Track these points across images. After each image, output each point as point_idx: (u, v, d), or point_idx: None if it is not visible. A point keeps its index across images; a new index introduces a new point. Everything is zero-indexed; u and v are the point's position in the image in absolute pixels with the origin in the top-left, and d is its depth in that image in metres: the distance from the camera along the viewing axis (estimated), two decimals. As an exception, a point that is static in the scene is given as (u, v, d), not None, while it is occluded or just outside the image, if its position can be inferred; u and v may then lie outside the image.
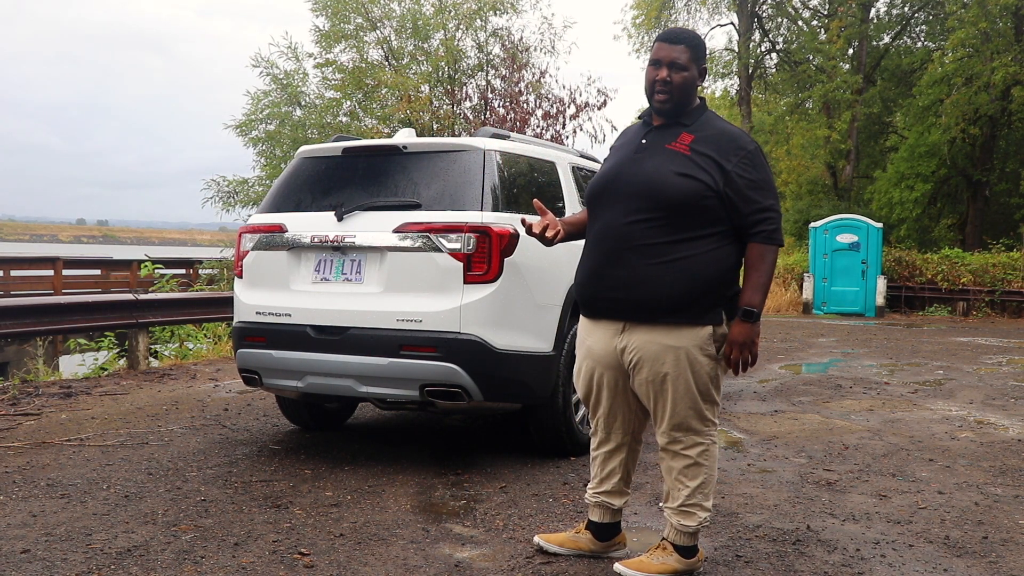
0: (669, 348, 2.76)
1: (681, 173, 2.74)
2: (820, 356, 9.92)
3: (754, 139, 2.83)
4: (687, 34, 2.93)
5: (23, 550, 3.05)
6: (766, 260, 2.75)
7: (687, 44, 2.87)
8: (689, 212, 2.74)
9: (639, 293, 2.78)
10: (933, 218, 25.22)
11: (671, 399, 2.81)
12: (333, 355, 4.13)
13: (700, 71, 2.91)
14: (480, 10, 18.17)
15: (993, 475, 4.38)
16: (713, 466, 2.91)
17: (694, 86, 2.89)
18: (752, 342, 2.74)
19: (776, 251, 2.77)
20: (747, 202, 2.74)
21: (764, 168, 2.79)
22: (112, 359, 10.02)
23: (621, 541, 3.15)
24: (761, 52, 29.28)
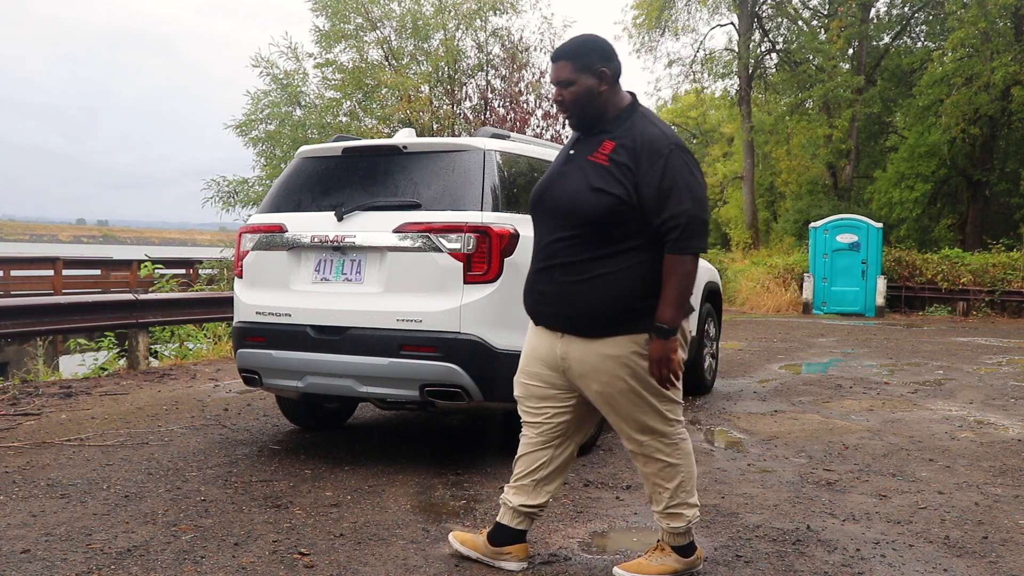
0: (609, 358, 2.72)
1: (596, 188, 2.67)
2: (820, 356, 9.93)
3: (676, 139, 2.69)
4: (567, 47, 2.81)
5: (23, 550, 3.05)
6: (676, 272, 2.61)
7: (567, 58, 2.78)
8: (605, 227, 2.68)
9: (568, 309, 2.76)
10: (933, 218, 25.22)
11: (625, 407, 2.77)
12: (333, 355, 4.13)
13: (598, 74, 2.76)
14: (480, 10, 18.17)
15: (993, 475, 4.38)
16: (688, 463, 2.86)
17: (593, 94, 2.77)
18: (668, 359, 2.64)
19: (690, 260, 2.61)
20: (657, 211, 2.62)
21: (679, 171, 2.63)
22: (112, 359, 10.02)
23: (514, 552, 2.97)
24: (761, 52, 29.29)
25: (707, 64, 29.94)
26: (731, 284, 19.28)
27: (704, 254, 2.87)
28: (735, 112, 31.44)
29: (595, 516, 3.59)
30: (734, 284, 19.45)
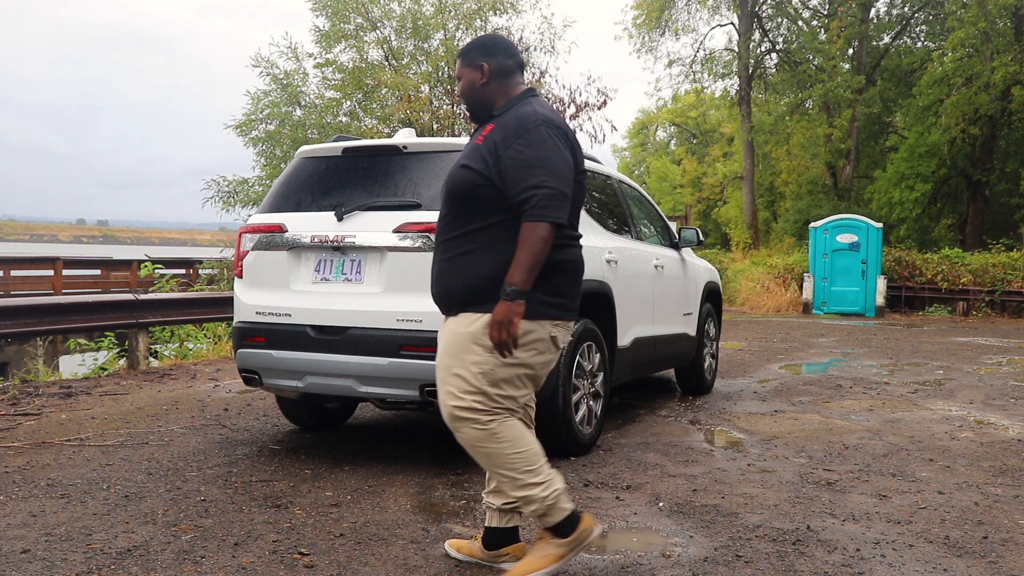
0: (455, 334, 2.73)
1: (462, 164, 2.74)
2: (820, 356, 9.93)
3: (549, 117, 2.70)
4: (462, 48, 2.94)
5: (23, 550, 3.05)
6: (530, 236, 2.56)
7: (459, 56, 2.94)
8: (467, 203, 2.73)
9: (437, 287, 2.83)
10: (933, 218, 25.23)
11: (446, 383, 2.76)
12: (333, 355, 4.13)
13: (479, 68, 2.85)
14: (480, 10, 18.17)
15: (993, 475, 4.38)
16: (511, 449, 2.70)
17: (474, 87, 2.87)
18: (510, 322, 2.56)
19: (545, 228, 2.56)
20: (515, 182, 2.62)
21: (542, 145, 2.64)
22: (112, 359, 10.03)
23: (512, 552, 2.94)
24: (761, 52, 29.32)
25: (707, 64, 29.97)
26: (731, 284, 19.28)
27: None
28: (735, 112, 31.45)
29: (595, 516, 3.59)
30: (734, 284, 19.46)
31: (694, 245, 6.66)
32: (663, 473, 4.31)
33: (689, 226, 7.56)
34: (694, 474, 4.30)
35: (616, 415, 5.84)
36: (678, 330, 6.28)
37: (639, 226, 5.96)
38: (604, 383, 4.88)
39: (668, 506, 3.75)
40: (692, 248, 6.87)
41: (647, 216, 6.30)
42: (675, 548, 3.21)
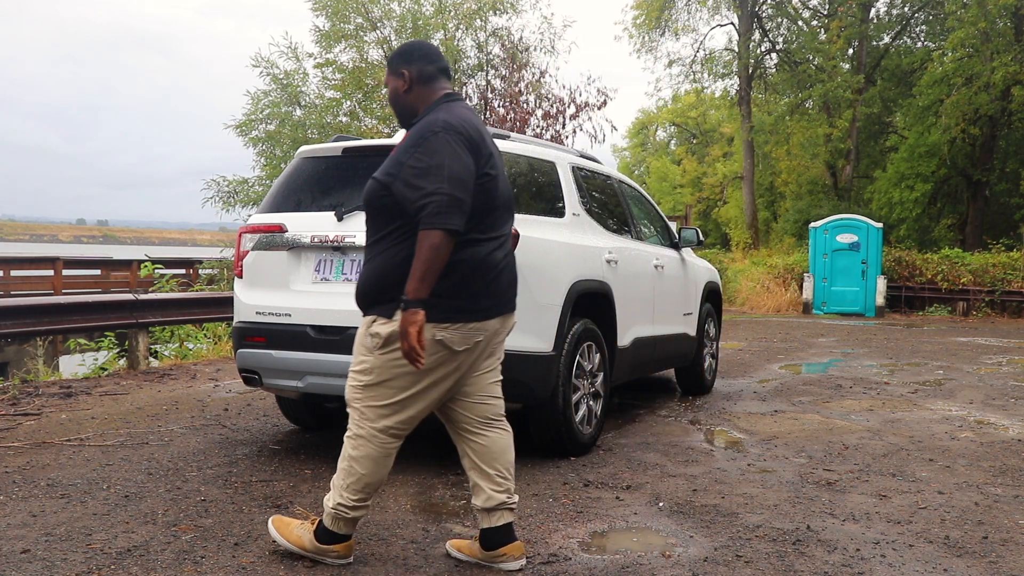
0: (361, 335, 2.86)
1: (373, 176, 2.83)
2: (820, 356, 9.93)
3: (453, 123, 2.72)
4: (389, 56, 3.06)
5: (23, 550, 3.05)
6: (423, 244, 2.59)
7: (387, 64, 3.04)
8: (374, 212, 2.84)
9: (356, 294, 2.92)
10: (933, 218, 25.24)
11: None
12: (333, 355, 4.13)
13: (407, 75, 2.93)
14: (480, 10, 18.17)
15: (993, 475, 4.38)
16: (359, 460, 2.82)
17: (397, 93, 2.96)
18: (405, 332, 2.60)
19: (438, 235, 2.58)
20: (411, 190, 2.66)
21: (438, 152, 2.66)
22: (112, 359, 10.03)
23: (509, 552, 2.94)
24: (761, 52, 29.31)
25: (707, 64, 29.97)
26: (731, 284, 19.28)
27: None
28: (735, 112, 31.45)
29: (595, 516, 3.59)
30: (734, 284, 19.46)
31: (694, 245, 6.66)
32: (663, 473, 4.31)
33: (689, 226, 7.56)
34: (694, 474, 4.30)
35: (616, 415, 5.84)
36: (678, 330, 6.28)
37: (639, 226, 5.96)
38: (604, 383, 4.87)
39: (668, 506, 3.75)
40: (692, 248, 6.87)
41: (647, 216, 6.30)
42: (675, 548, 3.21)
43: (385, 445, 2.84)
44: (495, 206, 2.83)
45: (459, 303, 2.76)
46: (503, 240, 2.90)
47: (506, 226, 2.93)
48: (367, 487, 2.86)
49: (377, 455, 2.83)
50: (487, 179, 2.77)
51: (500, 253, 2.87)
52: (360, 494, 2.86)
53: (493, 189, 2.81)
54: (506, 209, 2.92)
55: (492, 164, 2.82)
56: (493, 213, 2.83)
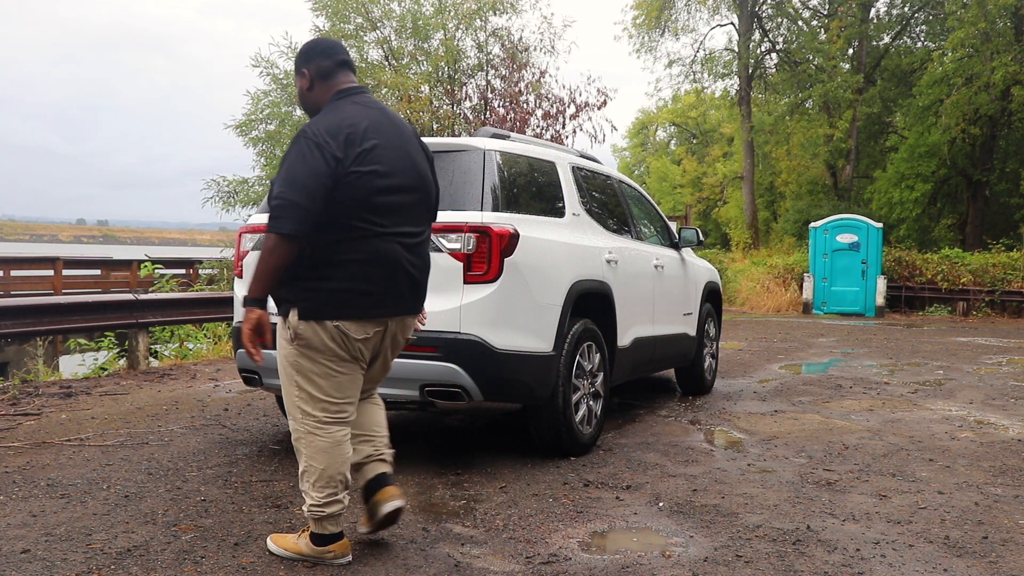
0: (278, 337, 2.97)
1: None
2: (820, 356, 9.93)
3: (316, 128, 2.77)
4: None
5: (23, 550, 3.05)
6: (263, 248, 2.70)
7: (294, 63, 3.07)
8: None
9: None
10: (933, 218, 25.24)
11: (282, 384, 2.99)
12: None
13: (307, 73, 2.99)
14: (480, 10, 18.16)
15: (993, 475, 4.38)
16: (314, 457, 2.90)
17: (303, 92, 3.02)
18: (242, 329, 2.78)
19: (272, 238, 2.67)
20: (270, 193, 2.77)
21: (289, 158, 2.74)
22: (112, 359, 10.02)
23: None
24: (761, 52, 29.31)
25: (707, 64, 29.97)
26: (731, 284, 19.28)
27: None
28: (735, 112, 31.45)
29: (595, 516, 3.59)
30: (734, 284, 19.46)
31: (694, 245, 6.66)
32: (663, 473, 4.31)
33: (689, 226, 7.56)
34: (694, 474, 4.30)
35: (616, 415, 5.84)
36: (678, 330, 6.28)
37: (639, 226, 5.96)
38: (604, 383, 4.87)
39: (668, 506, 3.75)
40: (692, 248, 6.87)
41: (647, 216, 6.30)
42: (675, 548, 3.21)
43: (330, 435, 2.90)
44: (380, 202, 2.81)
45: (353, 296, 2.81)
46: (405, 237, 2.90)
47: (408, 225, 2.91)
48: (330, 480, 2.90)
49: (325, 445, 2.89)
50: (356, 176, 2.76)
51: (397, 248, 2.87)
52: (326, 489, 2.90)
53: (369, 185, 2.79)
54: (408, 208, 2.91)
55: (367, 160, 2.79)
56: (382, 209, 2.82)
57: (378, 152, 2.81)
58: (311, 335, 2.83)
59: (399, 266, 2.87)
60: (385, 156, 2.84)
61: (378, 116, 2.89)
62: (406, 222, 2.90)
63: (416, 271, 2.96)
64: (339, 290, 2.80)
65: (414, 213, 2.94)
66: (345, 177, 2.74)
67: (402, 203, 2.88)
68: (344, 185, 2.74)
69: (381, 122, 2.88)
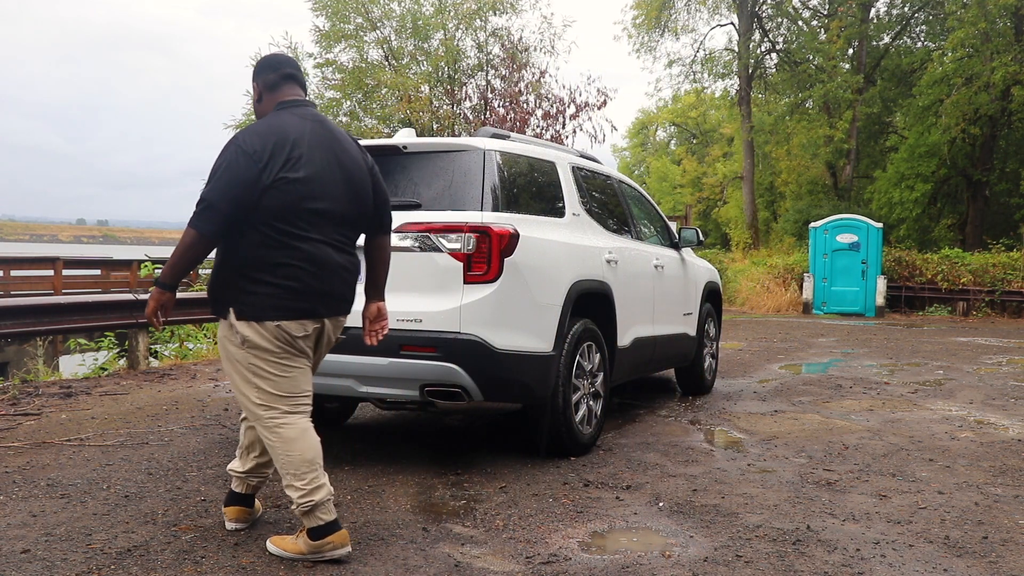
0: (220, 338, 3.07)
1: None
2: (820, 356, 9.93)
3: (245, 135, 2.92)
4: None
5: (23, 550, 3.05)
6: (181, 240, 2.87)
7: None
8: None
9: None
10: (933, 218, 25.23)
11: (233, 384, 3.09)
12: (333, 355, 4.11)
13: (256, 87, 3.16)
14: (480, 10, 18.17)
15: (993, 475, 4.38)
16: (287, 446, 2.99)
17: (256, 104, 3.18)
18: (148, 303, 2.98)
19: (190, 233, 2.82)
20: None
21: (220, 158, 2.89)
22: (112, 359, 10.02)
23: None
24: (761, 52, 29.30)
25: (707, 64, 29.96)
26: (731, 284, 19.28)
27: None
28: (735, 112, 31.45)
29: (595, 516, 3.59)
30: (734, 284, 19.46)
31: (694, 245, 6.66)
32: (663, 473, 4.31)
33: (689, 226, 7.56)
34: (694, 474, 4.30)
35: (616, 415, 5.84)
36: (678, 330, 6.28)
37: (639, 226, 5.96)
38: (604, 383, 4.88)
39: (668, 506, 3.75)
40: (692, 248, 6.87)
41: (647, 216, 6.30)
42: (675, 548, 3.21)
43: (296, 423, 3.04)
44: (307, 208, 2.92)
45: (289, 296, 2.92)
46: (335, 242, 3.01)
47: (338, 230, 3.02)
48: (309, 464, 2.98)
49: (295, 433, 3.01)
50: (284, 182, 2.87)
51: (329, 251, 2.98)
52: (306, 476, 2.96)
53: (297, 191, 2.89)
54: (338, 215, 3.01)
55: (295, 168, 2.89)
56: (309, 214, 2.93)
57: (306, 161, 2.92)
58: (257, 337, 2.93)
59: (330, 268, 2.99)
60: (314, 165, 2.94)
61: (313, 127, 3.01)
62: (335, 228, 3.01)
63: (347, 273, 3.08)
64: (275, 292, 2.91)
65: (344, 220, 3.04)
66: (273, 183, 2.86)
67: (330, 210, 2.98)
68: (273, 191, 2.86)
69: (316, 132, 3.01)
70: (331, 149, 3.02)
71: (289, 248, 2.90)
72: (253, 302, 2.91)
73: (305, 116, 3.03)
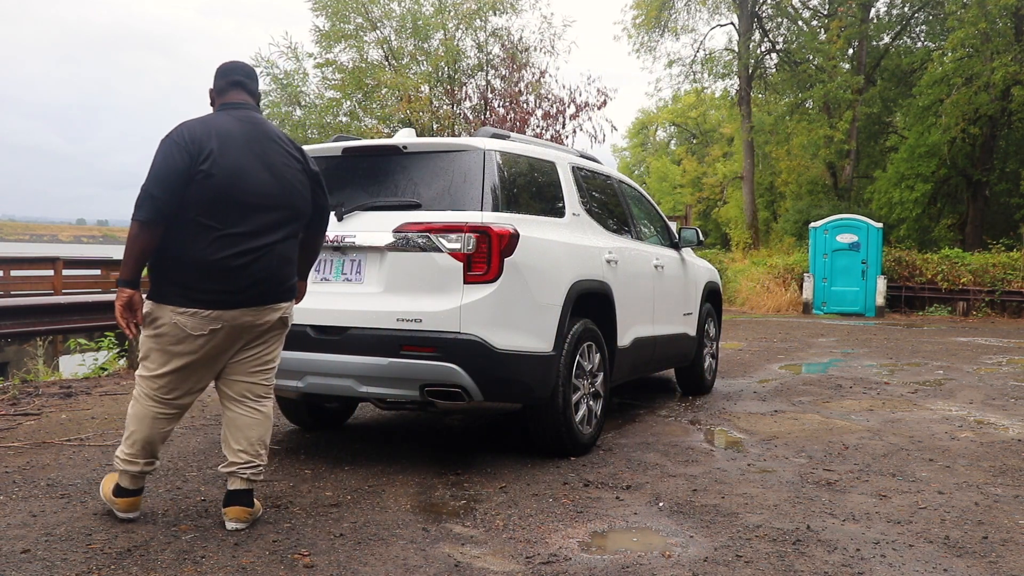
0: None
1: None
2: (820, 356, 9.93)
3: (178, 130, 3.13)
4: None
5: (23, 550, 3.05)
6: (128, 234, 3.06)
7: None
8: None
9: None
10: (933, 218, 25.24)
11: None
12: (333, 355, 4.13)
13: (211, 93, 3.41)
14: (480, 10, 18.17)
15: (993, 475, 4.38)
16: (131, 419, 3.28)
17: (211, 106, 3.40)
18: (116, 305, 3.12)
19: (133, 224, 3.02)
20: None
21: (156, 154, 3.08)
22: (112, 359, 10.00)
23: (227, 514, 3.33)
24: (761, 52, 29.30)
25: (707, 64, 29.96)
26: (731, 284, 19.28)
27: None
28: (735, 112, 31.45)
29: (595, 516, 3.59)
30: (734, 284, 19.46)
31: (694, 245, 6.66)
32: (663, 473, 4.31)
33: (689, 226, 7.56)
34: (694, 474, 4.30)
35: (616, 415, 5.84)
36: (678, 330, 6.28)
37: (639, 226, 5.96)
38: (604, 383, 4.88)
39: (668, 506, 3.75)
40: (692, 248, 6.87)
41: (647, 216, 6.30)
42: (675, 548, 3.21)
43: (150, 408, 3.25)
44: (224, 200, 3.08)
45: (191, 290, 3.09)
46: (249, 235, 3.13)
47: (255, 222, 3.14)
48: (135, 444, 3.26)
49: (142, 415, 3.25)
50: (202, 175, 3.05)
51: (243, 246, 3.11)
52: (132, 449, 3.26)
53: (213, 186, 3.06)
54: (255, 207, 3.14)
55: (214, 164, 3.06)
56: (227, 207, 3.08)
57: (227, 157, 3.09)
58: (155, 315, 3.15)
59: (237, 264, 3.11)
60: (235, 162, 3.10)
61: (243, 127, 3.20)
62: (250, 224, 3.13)
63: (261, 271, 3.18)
64: (179, 281, 3.10)
65: (264, 217, 3.16)
66: (195, 176, 3.04)
67: (248, 205, 3.12)
68: (194, 184, 3.04)
69: (246, 131, 3.19)
70: (256, 147, 3.19)
71: (200, 241, 3.06)
72: (161, 285, 3.14)
73: (239, 117, 3.23)
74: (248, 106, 3.32)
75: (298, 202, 3.30)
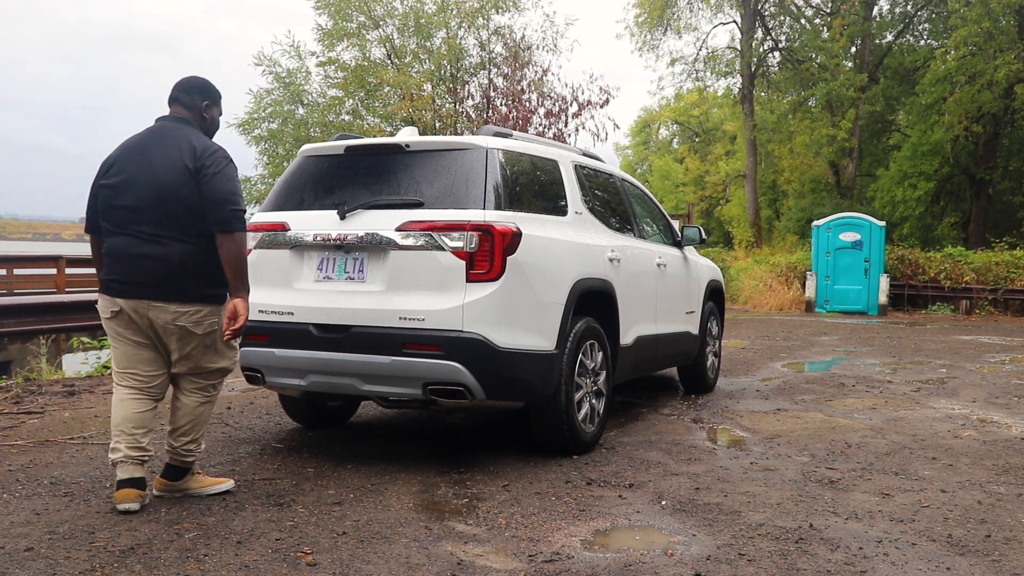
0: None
1: None
2: (823, 354, 9.92)
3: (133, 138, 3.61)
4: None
5: (27, 548, 3.06)
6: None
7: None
8: None
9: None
10: (936, 216, 25.20)
11: None
12: (336, 353, 4.13)
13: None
14: (482, 8, 18.16)
15: (996, 473, 4.38)
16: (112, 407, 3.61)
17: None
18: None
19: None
20: None
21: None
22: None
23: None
24: (764, 50, 29.25)
25: (710, 62, 29.93)
26: (734, 282, 19.27)
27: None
28: (738, 110, 31.42)
29: (598, 514, 3.60)
30: (737, 282, 19.44)
31: (697, 243, 6.65)
32: (665, 471, 4.31)
33: (692, 224, 7.55)
34: (697, 472, 4.30)
35: (619, 413, 5.84)
36: (681, 328, 6.28)
37: (642, 224, 5.95)
38: (607, 381, 4.87)
39: (671, 504, 3.75)
40: (695, 246, 6.86)
41: (650, 214, 6.30)
42: (677, 546, 3.21)
43: (118, 391, 3.57)
44: (114, 207, 3.50)
45: (104, 279, 3.55)
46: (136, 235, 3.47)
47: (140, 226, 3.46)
48: (113, 429, 3.53)
49: (115, 400, 3.57)
50: (98, 187, 3.56)
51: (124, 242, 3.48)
52: (112, 438, 3.53)
53: (107, 196, 3.52)
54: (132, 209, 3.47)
55: (108, 175, 3.53)
56: (116, 212, 3.50)
57: (117, 167, 3.53)
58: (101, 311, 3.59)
59: (127, 258, 3.47)
60: (126, 170, 3.50)
61: (144, 136, 3.58)
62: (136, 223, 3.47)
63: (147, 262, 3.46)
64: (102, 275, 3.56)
65: (147, 216, 3.47)
66: (98, 190, 3.56)
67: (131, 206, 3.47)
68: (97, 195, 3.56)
69: (143, 140, 3.56)
70: (147, 154, 3.51)
71: (107, 241, 3.53)
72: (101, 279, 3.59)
73: (151, 127, 3.62)
74: (171, 117, 3.65)
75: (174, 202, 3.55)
